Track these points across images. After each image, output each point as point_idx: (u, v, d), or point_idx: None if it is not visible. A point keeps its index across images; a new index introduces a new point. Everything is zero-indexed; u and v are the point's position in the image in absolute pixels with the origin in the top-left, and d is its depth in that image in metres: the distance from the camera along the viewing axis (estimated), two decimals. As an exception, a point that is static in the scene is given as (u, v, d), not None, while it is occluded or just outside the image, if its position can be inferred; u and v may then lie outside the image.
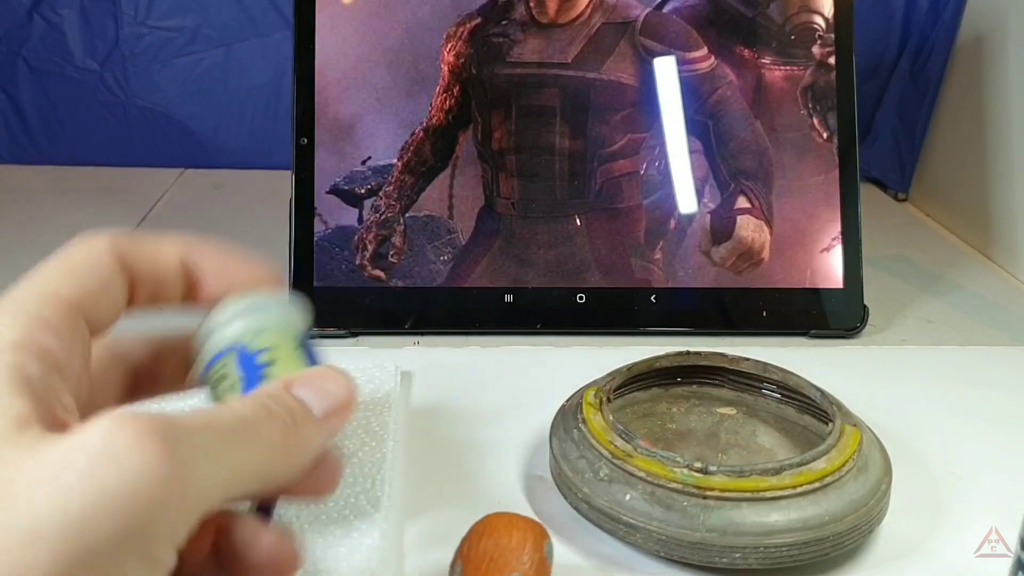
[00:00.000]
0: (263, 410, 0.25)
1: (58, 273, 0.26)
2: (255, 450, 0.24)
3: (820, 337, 0.61)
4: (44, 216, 0.80)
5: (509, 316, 0.60)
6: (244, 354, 0.27)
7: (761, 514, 0.37)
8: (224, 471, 0.23)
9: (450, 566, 0.35)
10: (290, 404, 0.26)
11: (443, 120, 0.61)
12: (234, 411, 0.24)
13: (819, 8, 0.62)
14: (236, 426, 0.24)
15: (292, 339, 0.28)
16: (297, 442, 0.25)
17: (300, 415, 0.26)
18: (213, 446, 0.23)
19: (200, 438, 0.22)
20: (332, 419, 0.27)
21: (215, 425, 0.23)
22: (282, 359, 0.28)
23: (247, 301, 0.29)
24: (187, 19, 0.89)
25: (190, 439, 0.22)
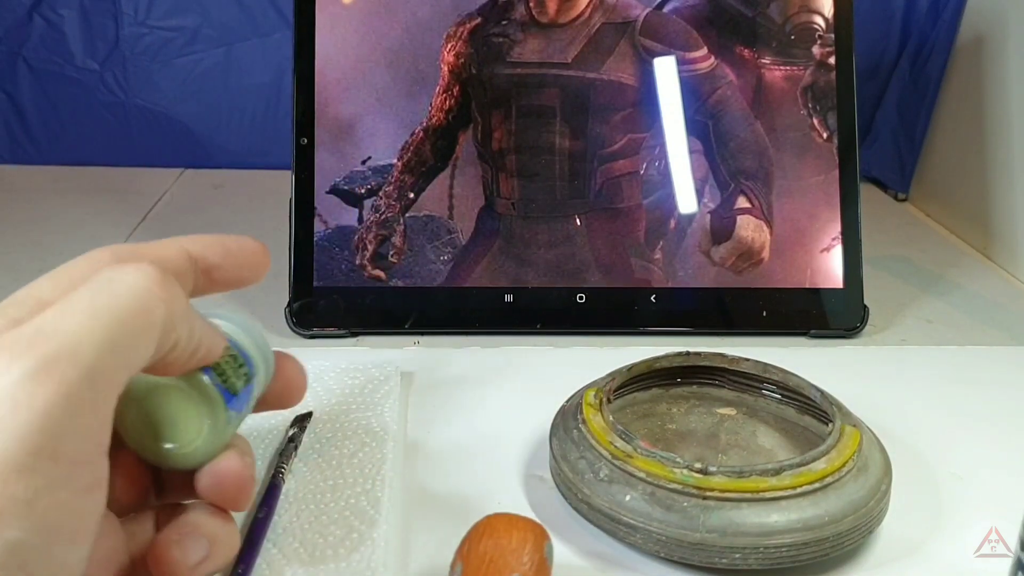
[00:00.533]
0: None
1: (53, 286, 0.27)
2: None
3: (820, 337, 0.61)
4: (44, 216, 0.80)
5: (509, 316, 0.60)
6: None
7: (761, 515, 0.37)
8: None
9: (450, 566, 0.35)
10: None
11: (443, 120, 0.61)
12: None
13: (819, 8, 0.62)
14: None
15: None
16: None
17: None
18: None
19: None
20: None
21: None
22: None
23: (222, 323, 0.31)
24: (187, 19, 0.89)
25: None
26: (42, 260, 0.69)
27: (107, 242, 0.29)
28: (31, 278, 0.26)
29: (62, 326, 0.23)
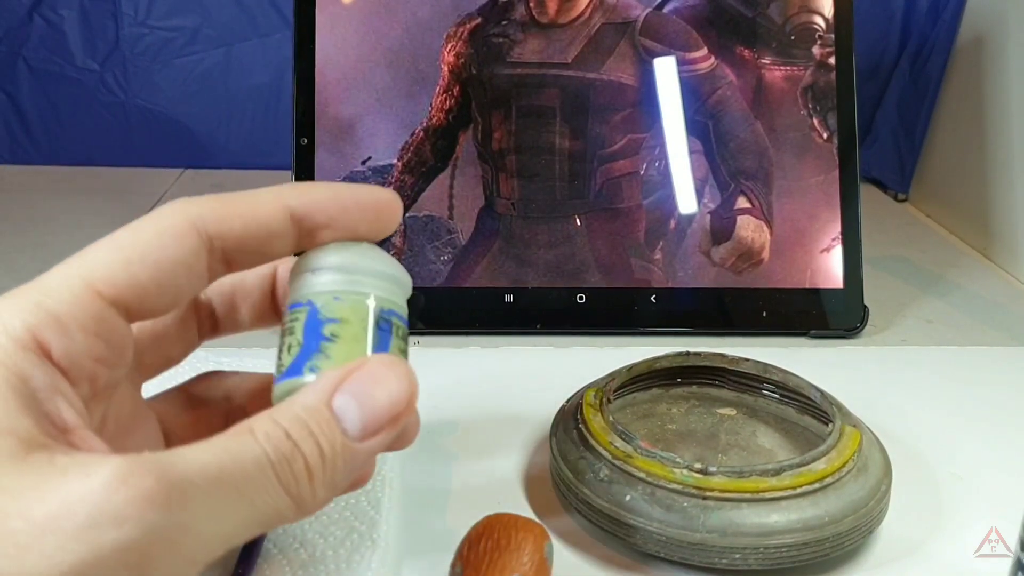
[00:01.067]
0: (285, 447, 0.23)
1: (105, 261, 0.24)
2: (270, 500, 0.22)
3: (820, 337, 0.61)
4: (44, 216, 0.80)
5: (509, 316, 0.60)
6: (313, 317, 0.26)
7: (761, 515, 0.37)
8: (230, 525, 0.22)
9: (450, 567, 0.35)
10: (320, 428, 0.24)
11: (443, 120, 0.61)
12: (252, 454, 0.22)
13: (819, 8, 0.62)
14: (252, 474, 0.22)
15: (367, 316, 0.26)
16: (321, 482, 0.23)
17: (329, 444, 0.23)
18: (222, 504, 0.22)
19: (210, 495, 0.21)
20: (373, 438, 0.24)
21: (230, 477, 0.22)
22: (345, 338, 0.26)
23: (345, 253, 0.27)
24: (187, 19, 0.89)
25: (199, 498, 0.21)
26: (42, 260, 0.69)
27: None
28: (31, 278, 0.24)
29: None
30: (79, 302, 0.23)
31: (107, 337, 0.24)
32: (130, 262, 0.24)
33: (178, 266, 0.24)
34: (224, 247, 0.25)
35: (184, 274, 0.25)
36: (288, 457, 0.23)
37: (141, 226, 0.25)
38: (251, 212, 0.25)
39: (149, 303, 0.24)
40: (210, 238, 0.25)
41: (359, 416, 0.24)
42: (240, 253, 0.26)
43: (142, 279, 0.24)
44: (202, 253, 0.25)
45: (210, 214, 0.25)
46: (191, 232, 0.25)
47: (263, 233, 0.26)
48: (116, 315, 0.24)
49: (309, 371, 0.25)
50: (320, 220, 0.26)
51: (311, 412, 0.24)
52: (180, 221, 0.25)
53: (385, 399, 0.25)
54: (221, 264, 0.26)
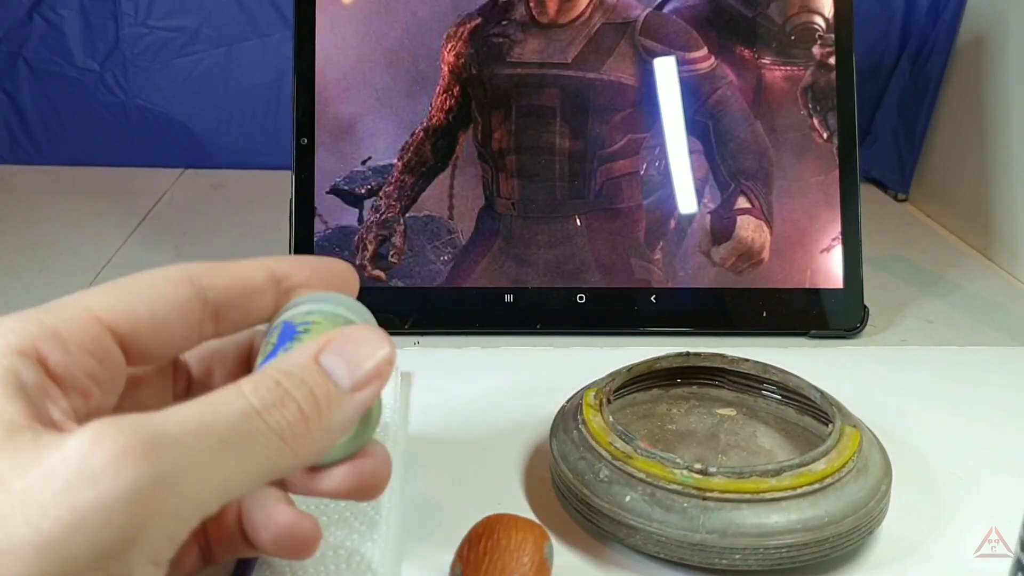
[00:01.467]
0: (274, 395, 0.24)
1: (106, 294, 0.26)
2: (260, 447, 0.23)
3: (820, 337, 0.61)
4: (44, 216, 0.80)
5: (509, 316, 0.60)
6: (288, 327, 0.28)
7: (761, 515, 0.37)
8: (220, 476, 0.22)
9: (450, 568, 0.35)
10: (312, 379, 0.25)
11: (443, 120, 0.61)
12: (239, 408, 0.23)
13: (819, 8, 0.62)
14: (237, 424, 0.23)
15: (336, 319, 0.28)
16: (317, 427, 0.24)
17: (323, 392, 0.25)
18: (207, 454, 0.22)
19: (191, 447, 0.22)
20: (363, 390, 0.26)
21: (212, 427, 0.22)
22: (320, 327, 0.27)
23: (314, 298, 0.29)
24: (187, 19, 0.88)
25: (179, 449, 0.21)
26: (42, 260, 0.69)
27: (107, 242, 0.29)
28: (31, 278, 0.26)
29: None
30: (78, 322, 0.25)
31: (102, 357, 0.25)
32: (130, 297, 0.26)
33: (172, 308, 0.26)
34: (215, 299, 0.27)
35: (177, 318, 0.26)
36: (278, 403, 0.24)
37: (141, 273, 0.27)
38: (238, 269, 0.28)
39: (142, 338, 0.26)
40: (203, 288, 0.27)
41: (347, 370, 0.25)
42: (228, 307, 0.28)
43: (138, 312, 0.26)
44: (196, 303, 0.27)
45: (203, 269, 0.27)
46: (186, 281, 0.27)
47: (248, 287, 0.28)
48: (111, 340, 0.25)
49: (284, 351, 0.27)
50: (297, 279, 0.29)
51: (301, 367, 0.25)
52: (176, 272, 0.27)
53: (369, 355, 0.26)
54: (211, 321, 0.28)
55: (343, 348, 0.26)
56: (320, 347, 0.26)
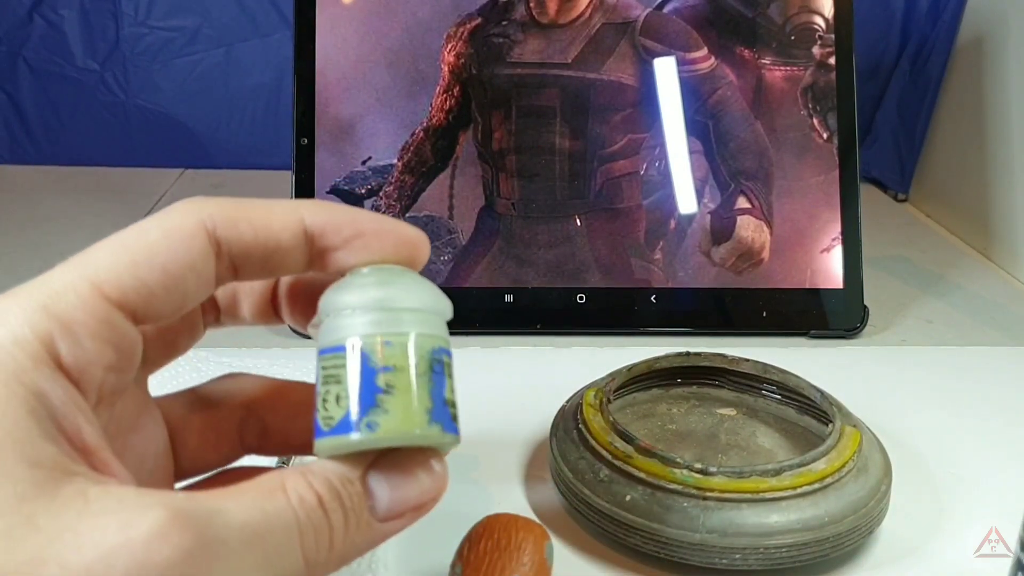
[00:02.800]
0: (317, 517, 0.23)
1: (111, 263, 0.23)
2: (282, 561, 0.22)
3: (820, 337, 0.61)
4: (44, 216, 0.80)
5: (509, 316, 0.60)
6: (366, 365, 0.24)
7: (761, 515, 0.37)
8: (248, 571, 0.21)
9: (450, 567, 0.35)
10: (352, 500, 0.23)
11: (443, 120, 0.61)
12: (285, 519, 0.22)
13: (819, 8, 0.62)
14: (281, 543, 0.22)
15: (423, 358, 0.25)
16: (336, 555, 0.23)
17: (355, 517, 0.23)
18: (246, 563, 0.21)
19: (243, 559, 0.21)
20: (394, 523, 0.24)
21: (262, 541, 0.22)
22: (401, 388, 0.24)
23: (380, 288, 0.25)
24: (187, 19, 0.89)
25: (233, 561, 0.21)
26: (42, 260, 0.69)
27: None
28: (31, 278, 0.24)
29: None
30: (87, 307, 0.22)
31: (117, 343, 0.23)
32: (137, 264, 0.23)
33: (186, 269, 0.23)
34: (232, 253, 0.24)
35: (192, 278, 0.24)
36: (316, 527, 0.23)
37: (148, 226, 0.24)
38: (264, 219, 0.24)
39: (156, 307, 0.23)
40: (219, 242, 0.24)
41: (388, 498, 0.24)
42: (248, 263, 0.25)
43: (149, 282, 0.23)
44: (210, 258, 0.24)
45: (221, 216, 0.24)
46: (200, 233, 0.24)
47: (273, 243, 0.25)
48: (124, 319, 0.23)
49: (366, 427, 0.24)
50: (334, 241, 0.25)
51: (345, 482, 0.23)
52: (190, 222, 0.24)
53: (416, 492, 0.25)
54: (228, 272, 0.25)
55: (393, 475, 0.24)
56: (371, 462, 0.24)
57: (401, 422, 0.24)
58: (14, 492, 0.20)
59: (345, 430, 0.24)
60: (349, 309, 0.24)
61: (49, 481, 0.20)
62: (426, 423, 0.24)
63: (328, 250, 0.25)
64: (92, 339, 0.22)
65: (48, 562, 0.19)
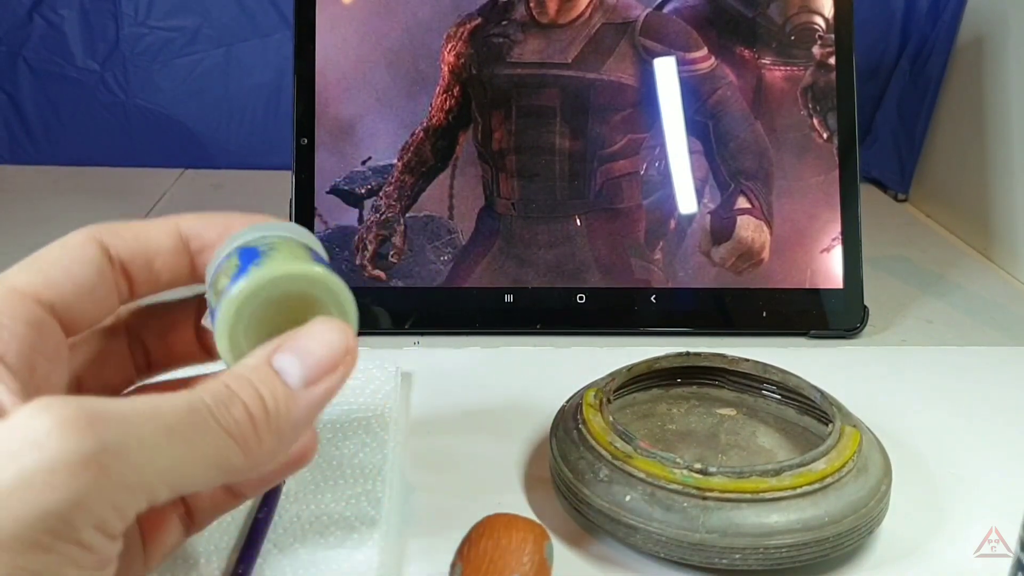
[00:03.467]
0: (223, 395, 0.24)
1: (21, 270, 0.27)
2: (209, 442, 0.23)
3: (820, 337, 0.61)
4: (44, 216, 0.80)
5: (509, 316, 0.60)
6: (250, 250, 0.27)
7: (761, 515, 0.37)
8: (166, 461, 0.23)
9: (450, 567, 0.35)
10: (260, 378, 0.25)
11: (443, 120, 0.61)
12: (187, 401, 0.23)
13: (819, 8, 0.62)
14: (185, 416, 0.23)
15: (299, 243, 0.28)
16: (266, 427, 0.24)
17: (270, 391, 0.25)
18: (151, 437, 0.22)
19: (137, 427, 0.22)
20: (317, 385, 0.26)
21: (159, 414, 0.23)
22: (283, 248, 0.27)
23: (256, 228, 0.28)
24: (187, 19, 0.88)
25: (124, 427, 0.22)
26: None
27: None
28: None
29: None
30: (5, 300, 0.26)
31: (38, 328, 0.26)
32: (43, 269, 0.27)
33: (87, 267, 0.27)
34: (121, 258, 0.28)
35: (95, 276, 0.27)
36: (225, 401, 0.24)
37: (48, 245, 0.28)
38: (143, 228, 0.29)
39: (70, 304, 0.27)
40: (107, 247, 0.28)
41: (300, 368, 0.25)
42: (135, 266, 0.28)
43: (56, 279, 0.26)
44: (104, 260, 0.28)
45: (106, 229, 0.28)
46: (90, 242, 0.28)
47: (154, 245, 0.28)
48: (43, 311, 0.26)
49: (255, 267, 0.26)
50: (209, 238, 0.29)
51: (251, 369, 0.25)
52: (80, 235, 0.28)
53: (323, 349, 0.26)
54: (123, 278, 0.28)
55: (295, 345, 0.26)
56: (273, 350, 0.26)
57: (284, 261, 0.26)
58: None
59: (236, 280, 0.26)
60: (234, 242, 0.28)
61: None
62: (309, 262, 0.27)
63: (204, 249, 0.29)
64: (11, 320, 0.25)
65: None
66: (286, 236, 0.28)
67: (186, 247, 0.29)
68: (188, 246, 0.29)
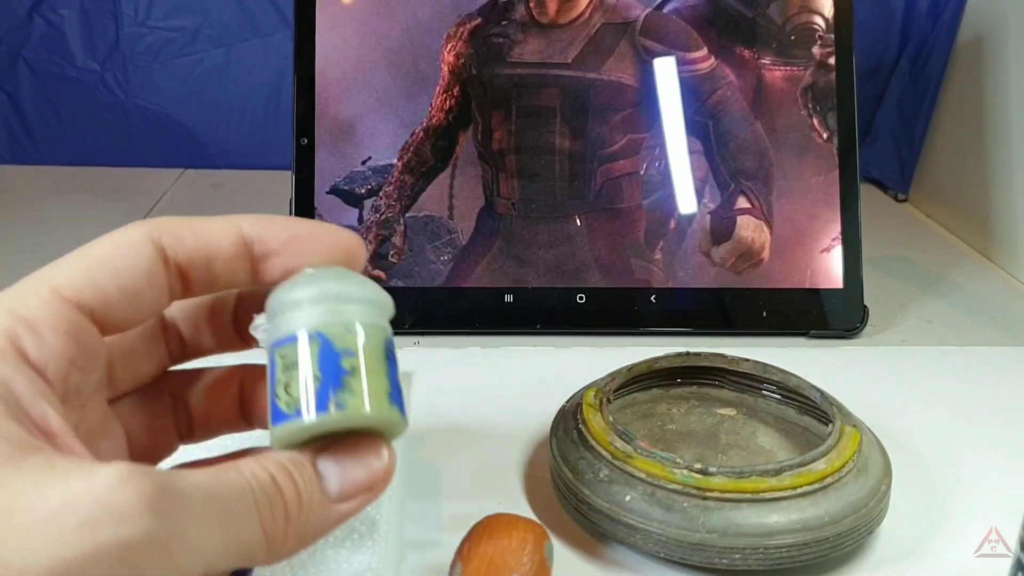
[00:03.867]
0: (270, 489, 0.24)
1: (67, 269, 0.25)
2: (245, 532, 0.23)
3: (820, 337, 0.61)
4: (44, 216, 0.80)
5: (509, 316, 0.60)
6: (328, 349, 0.25)
7: (761, 515, 0.37)
8: (209, 545, 0.23)
9: (450, 567, 0.35)
10: (303, 479, 0.25)
11: (443, 120, 0.61)
12: (239, 488, 0.23)
13: (819, 8, 0.62)
14: (236, 506, 0.23)
15: (380, 344, 0.26)
16: (294, 528, 0.24)
17: (308, 495, 0.25)
18: (206, 524, 0.22)
19: (199, 512, 0.22)
20: (348, 502, 0.26)
21: (216, 498, 0.23)
22: (364, 370, 0.25)
23: (331, 281, 0.26)
24: (187, 19, 0.88)
25: (190, 510, 0.22)
26: (42, 260, 0.69)
27: None
28: None
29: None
30: (47, 306, 0.24)
31: (78, 338, 0.25)
32: (90, 268, 0.25)
33: (138, 272, 0.25)
34: (178, 260, 0.26)
35: (144, 281, 0.26)
36: (271, 498, 0.24)
37: (101, 239, 0.26)
38: (204, 228, 0.27)
39: (113, 309, 0.25)
40: (164, 248, 0.26)
41: (338, 482, 0.25)
42: (193, 269, 0.27)
43: (103, 283, 0.25)
44: (159, 262, 0.26)
45: (165, 227, 0.26)
46: (146, 242, 0.26)
47: (214, 249, 0.27)
48: (83, 318, 0.25)
49: (336, 407, 0.25)
50: (272, 246, 0.27)
51: (296, 464, 0.25)
52: (136, 233, 0.26)
53: (364, 471, 0.26)
54: (179, 281, 0.27)
55: (342, 456, 0.26)
56: (320, 448, 0.26)
57: (366, 402, 0.25)
58: None
59: (317, 410, 0.25)
60: (303, 302, 0.26)
61: (15, 452, 0.21)
62: (387, 404, 0.26)
63: (268, 256, 0.27)
64: (53, 333, 0.24)
65: (15, 511, 0.20)
66: (368, 323, 0.26)
67: (248, 251, 0.27)
68: (251, 250, 0.27)
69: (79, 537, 0.20)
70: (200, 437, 0.31)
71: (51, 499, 0.20)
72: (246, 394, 0.31)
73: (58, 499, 0.20)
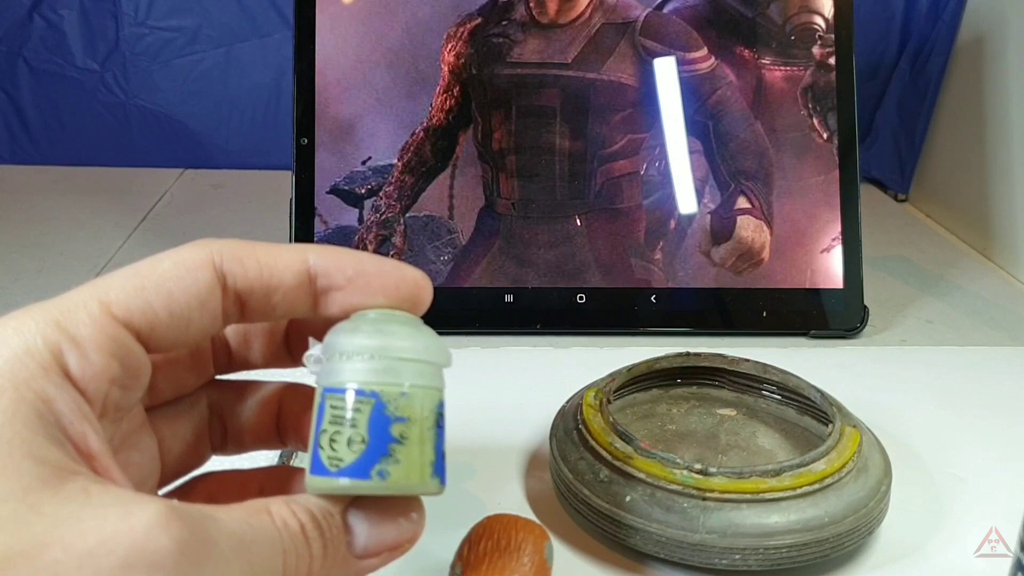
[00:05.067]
0: (298, 543, 0.24)
1: (120, 287, 0.24)
2: (269, 572, 0.24)
3: (820, 337, 0.61)
4: (44, 216, 0.80)
5: (509, 316, 0.60)
6: (379, 412, 0.25)
7: (761, 516, 0.37)
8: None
9: (450, 568, 0.35)
10: (331, 532, 0.25)
11: (443, 120, 0.61)
12: (270, 538, 0.23)
13: (819, 8, 0.62)
14: (264, 558, 0.23)
15: (432, 412, 0.26)
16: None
17: (334, 548, 0.25)
18: (237, 567, 0.22)
19: (230, 561, 0.22)
20: (371, 561, 0.26)
21: (248, 550, 0.23)
22: (412, 440, 0.25)
23: (393, 337, 0.26)
24: (187, 19, 0.89)
25: (223, 559, 0.22)
26: (42, 260, 0.69)
27: (107, 242, 0.28)
28: (31, 278, 0.25)
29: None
30: (96, 323, 0.23)
31: (122, 358, 0.24)
32: (144, 289, 0.24)
33: (191, 298, 0.25)
34: (237, 288, 0.25)
35: (197, 308, 0.25)
36: (298, 551, 0.24)
37: (160, 257, 0.25)
38: (269, 258, 0.26)
39: (160, 331, 0.25)
40: (225, 275, 0.25)
41: (366, 536, 0.25)
42: (253, 299, 0.26)
43: (155, 306, 0.24)
44: (216, 290, 0.25)
45: (229, 252, 0.25)
46: (207, 266, 0.25)
47: (277, 280, 0.26)
48: (130, 337, 0.24)
49: (378, 475, 0.25)
50: (337, 281, 0.26)
51: (326, 515, 0.25)
52: (199, 254, 0.25)
53: (393, 533, 0.26)
54: (235, 307, 0.26)
55: (372, 515, 0.26)
56: (352, 501, 0.26)
57: (409, 474, 0.25)
58: (20, 484, 0.21)
59: (357, 474, 0.24)
60: (363, 353, 0.25)
61: (53, 476, 0.21)
62: (429, 476, 0.26)
63: (331, 290, 0.26)
64: (99, 352, 0.23)
65: (52, 545, 0.20)
66: (424, 386, 0.25)
67: (311, 283, 0.26)
68: (314, 283, 0.26)
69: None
70: (233, 451, 0.31)
71: (88, 536, 0.20)
72: (284, 413, 0.30)
73: (94, 537, 0.20)
